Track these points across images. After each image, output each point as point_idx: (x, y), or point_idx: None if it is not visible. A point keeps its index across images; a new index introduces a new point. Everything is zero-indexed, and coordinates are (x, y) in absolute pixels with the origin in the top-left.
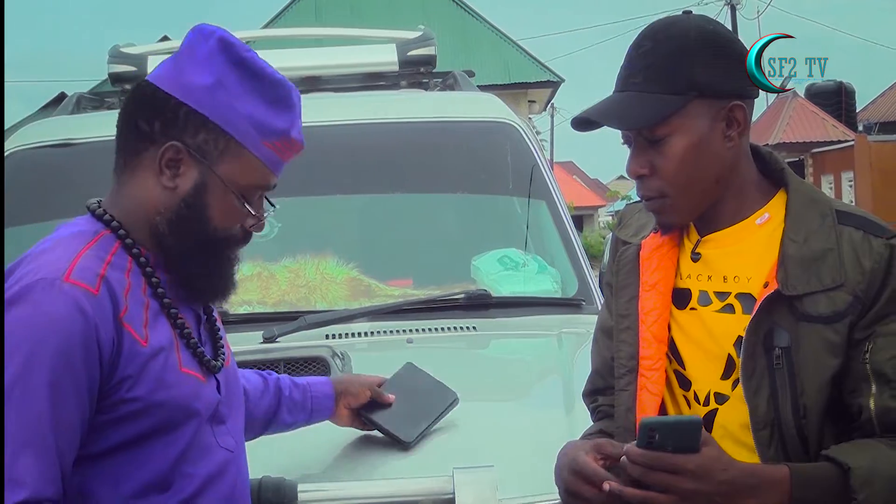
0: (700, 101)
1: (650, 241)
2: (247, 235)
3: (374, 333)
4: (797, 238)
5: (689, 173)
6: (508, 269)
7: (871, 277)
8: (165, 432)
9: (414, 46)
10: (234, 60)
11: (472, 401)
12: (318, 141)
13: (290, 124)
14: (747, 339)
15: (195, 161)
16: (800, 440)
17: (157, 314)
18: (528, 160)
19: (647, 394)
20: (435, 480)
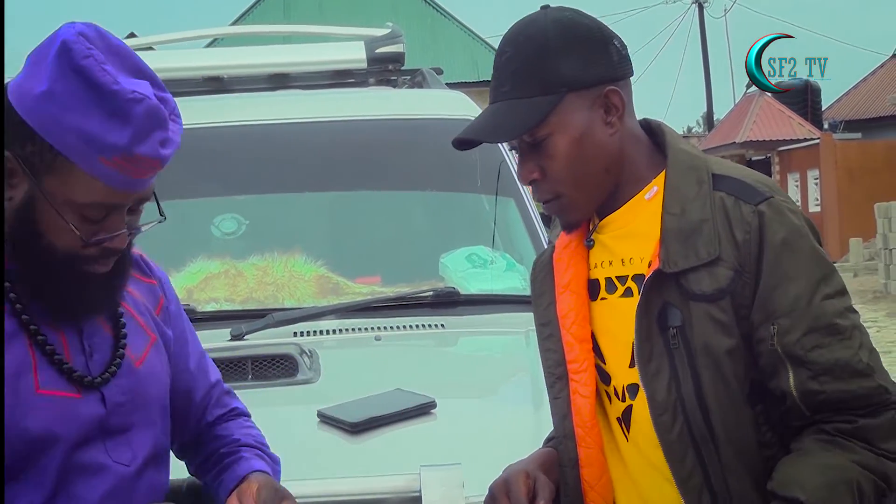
0: (573, 95)
1: (560, 240)
2: (105, 252)
3: (342, 331)
4: (674, 210)
5: (577, 169)
6: (476, 266)
7: (745, 249)
8: (30, 464)
9: (382, 44)
10: (70, 67)
11: (440, 398)
12: (286, 138)
13: (130, 139)
14: (638, 321)
15: (25, 174)
16: (705, 423)
17: (10, 335)
18: (496, 158)
19: (579, 397)
20: (402, 478)
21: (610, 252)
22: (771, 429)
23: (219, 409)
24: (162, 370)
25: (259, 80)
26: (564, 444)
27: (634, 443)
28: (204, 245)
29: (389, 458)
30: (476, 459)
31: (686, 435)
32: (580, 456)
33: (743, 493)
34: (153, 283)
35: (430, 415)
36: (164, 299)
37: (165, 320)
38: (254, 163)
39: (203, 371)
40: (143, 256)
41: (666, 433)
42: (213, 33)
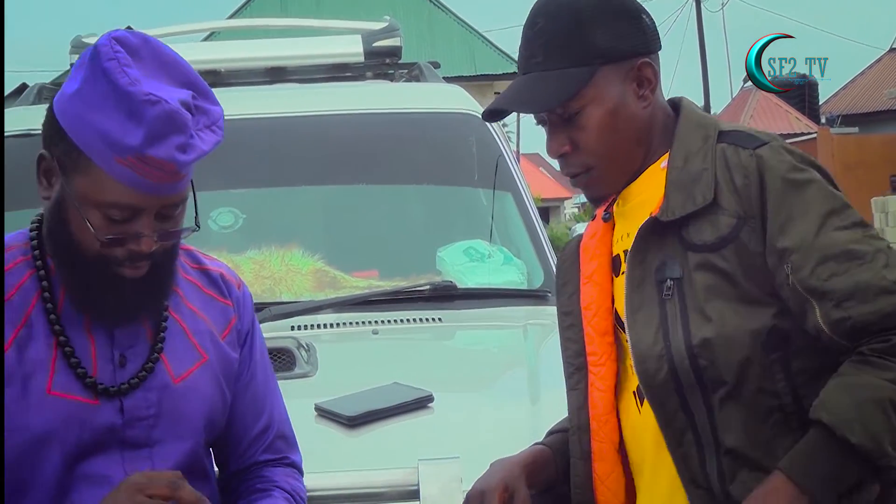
0: (607, 68)
1: (588, 229)
2: (132, 255)
3: (339, 325)
4: (678, 163)
5: (609, 141)
6: (474, 260)
7: (745, 194)
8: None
9: (379, 37)
10: (96, 69)
11: (438, 392)
12: (283, 132)
13: (143, 141)
14: (630, 270)
15: (58, 173)
16: (693, 372)
17: (37, 333)
18: (493, 151)
19: (596, 391)
20: (399, 472)
21: (628, 224)
22: (786, 378)
23: (270, 454)
24: (209, 390)
25: (256, 73)
26: (578, 436)
27: (646, 416)
28: (201, 239)
29: (387, 451)
30: (473, 453)
31: (671, 382)
32: (593, 449)
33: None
34: (228, 304)
35: (428, 408)
36: (235, 321)
37: (232, 342)
38: (251, 156)
39: (266, 407)
40: (223, 275)
41: (649, 380)
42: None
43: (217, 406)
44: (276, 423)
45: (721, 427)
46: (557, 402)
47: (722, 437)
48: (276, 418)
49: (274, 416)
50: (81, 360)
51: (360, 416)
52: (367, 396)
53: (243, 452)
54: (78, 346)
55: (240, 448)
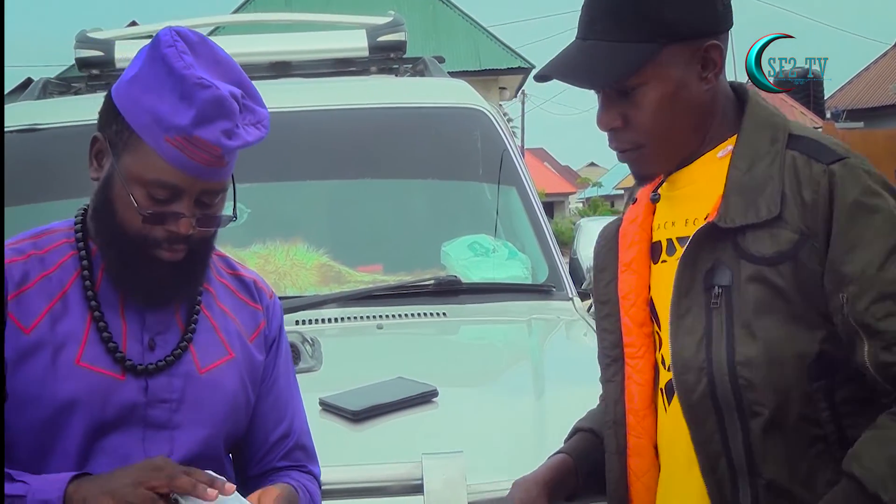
0: (672, 46)
1: (629, 213)
2: (170, 237)
3: (344, 319)
4: (742, 165)
5: (664, 123)
6: (479, 255)
7: (812, 211)
8: (52, 430)
9: (384, 32)
10: (155, 55)
11: (442, 387)
12: (288, 126)
13: (191, 122)
14: (679, 274)
15: (109, 153)
16: (732, 389)
17: (72, 306)
18: (498, 146)
19: (634, 384)
20: (403, 466)
21: (673, 211)
22: (830, 407)
23: (288, 461)
24: (232, 386)
25: (261, 68)
26: (614, 430)
27: (672, 415)
28: None
29: (391, 446)
30: (477, 448)
31: (708, 398)
32: (629, 444)
33: (767, 466)
34: (258, 309)
35: (432, 403)
36: (263, 325)
37: (259, 346)
38: (255, 151)
39: (287, 414)
40: (256, 282)
41: (688, 394)
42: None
43: (240, 402)
44: (297, 432)
45: (759, 455)
46: (562, 396)
47: (760, 466)
48: (296, 428)
49: (294, 425)
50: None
51: (365, 411)
52: (372, 391)
53: (262, 458)
54: (110, 324)
55: (259, 453)
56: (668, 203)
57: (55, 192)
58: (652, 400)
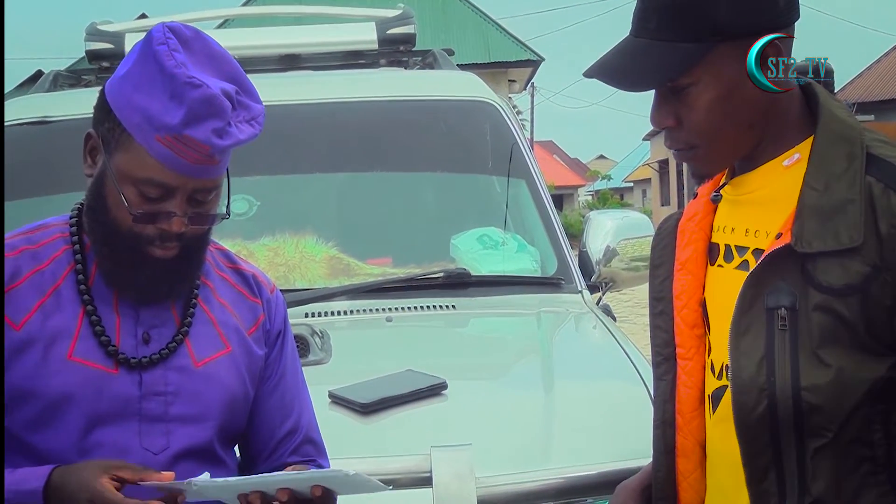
0: (724, 45)
1: (689, 208)
2: (162, 235)
3: (353, 312)
4: (817, 185)
5: (717, 124)
6: (488, 247)
7: (888, 244)
8: (48, 422)
9: (393, 25)
10: (147, 52)
11: (451, 379)
12: (297, 119)
13: (181, 121)
14: (743, 291)
15: (102, 150)
16: (794, 413)
17: (65, 302)
18: (507, 139)
19: (683, 387)
20: (412, 459)
21: (734, 217)
22: (883, 428)
23: (298, 456)
24: (229, 379)
25: (270, 61)
26: (662, 430)
27: (716, 424)
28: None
29: (400, 438)
30: (486, 440)
31: (766, 420)
32: (677, 444)
33: (816, 484)
34: (257, 302)
35: (441, 396)
36: (263, 319)
37: (259, 340)
38: (265, 144)
39: (294, 410)
40: (256, 276)
41: (745, 415)
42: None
43: (237, 396)
44: (305, 427)
45: (811, 474)
46: (570, 389)
47: (810, 484)
48: (304, 423)
49: (302, 420)
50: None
51: (374, 403)
52: (381, 383)
53: (270, 454)
54: (104, 318)
55: (266, 449)
56: (730, 207)
57: (65, 184)
58: (700, 402)
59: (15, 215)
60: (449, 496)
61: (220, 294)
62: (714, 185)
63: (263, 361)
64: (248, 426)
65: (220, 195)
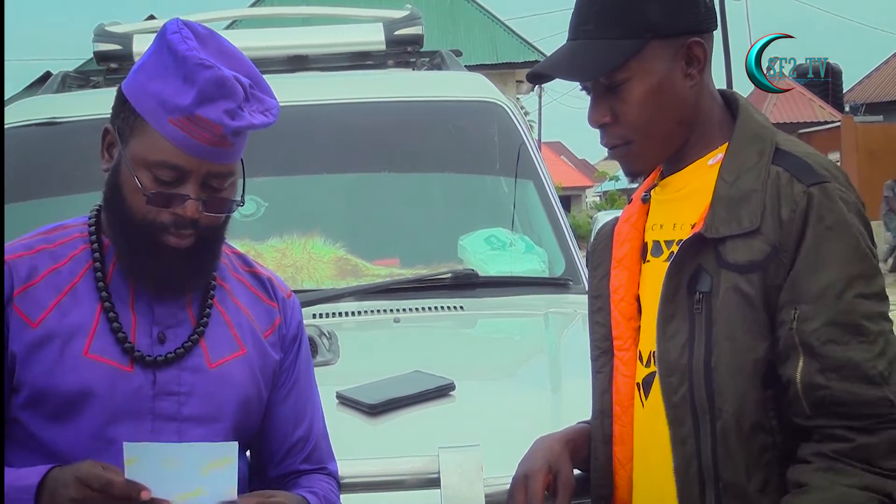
0: (657, 43)
1: (625, 212)
2: (177, 221)
3: (361, 313)
4: (729, 178)
5: (651, 117)
6: (495, 248)
7: (787, 228)
8: (65, 418)
9: (401, 26)
10: (161, 43)
11: (459, 380)
12: (305, 120)
13: (193, 101)
14: (666, 281)
15: (118, 142)
16: (706, 393)
17: (82, 299)
18: (515, 140)
19: (620, 376)
20: (420, 460)
21: (663, 214)
22: (777, 416)
23: (309, 464)
24: (243, 381)
25: (278, 62)
26: (601, 420)
27: (648, 411)
28: None
29: (408, 439)
30: (495, 441)
31: (688, 402)
32: (614, 433)
33: (727, 472)
34: (273, 306)
35: (449, 396)
36: (279, 323)
37: (275, 344)
38: (272, 145)
39: (306, 416)
40: (272, 280)
41: (670, 395)
42: (232, 15)
43: (251, 399)
44: (315, 435)
45: (722, 461)
46: (579, 390)
47: (722, 471)
48: (315, 430)
49: (314, 427)
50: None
51: (382, 404)
52: (389, 384)
53: (281, 460)
54: (121, 316)
55: (278, 455)
56: (659, 206)
57: (74, 185)
58: (635, 392)
59: (23, 216)
60: (457, 497)
61: (236, 296)
62: (646, 189)
63: (279, 366)
64: (259, 431)
65: (235, 185)
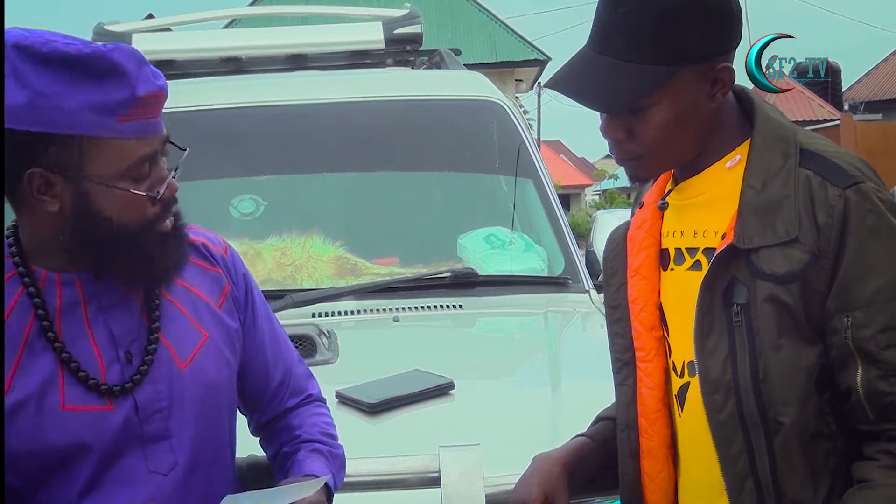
0: (689, 68)
1: (637, 217)
2: (165, 205)
3: (360, 312)
4: (755, 184)
5: (668, 139)
6: (495, 247)
7: (825, 234)
8: (57, 474)
9: (400, 24)
10: (36, 60)
11: (458, 379)
12: (304, 119)
13: (130, 87)
14: (701, 295)
15: (62, 177)
16: (758, 407)
17: (38, 351)
18: (514, 139)
19: (645, 388)
20: (421, 459)
21: (682, 221)
22: (836, 420)
23: (294, 397)
24: (214, 369)
25: (277, 60)
26: (627, 434)
27: (686, 421)
28: (222, 226)
29: (408, 438)
30: (494, 440)
31: (736, 417)
32: (642, 447)
33: (792, 485)
34: (218, 272)
35: (449, 395)
36: (228, 287)
37: (230, 310)
38: (272, 144)
39: (278, 358)
40: (206, 244)
41: (716, 413)
42: (232, 14)
43: (226, 383)
44: (291, 369)
45: (784, 476)
46: (578, 388)
47: (785, 486)
48: (289, 364)
49: (288, 363)
50: (89, 369)
51: (381, 403)
52: (388, 383)
53: (267, 406)
54: (83, 354)
55: (262, 402)
56: (677, 212)
57: None
58: (663, 403)
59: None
60: (457, 496)
61: (180, 276)
62: (659, 193)
63: (240, 331)
64: (239, 389)
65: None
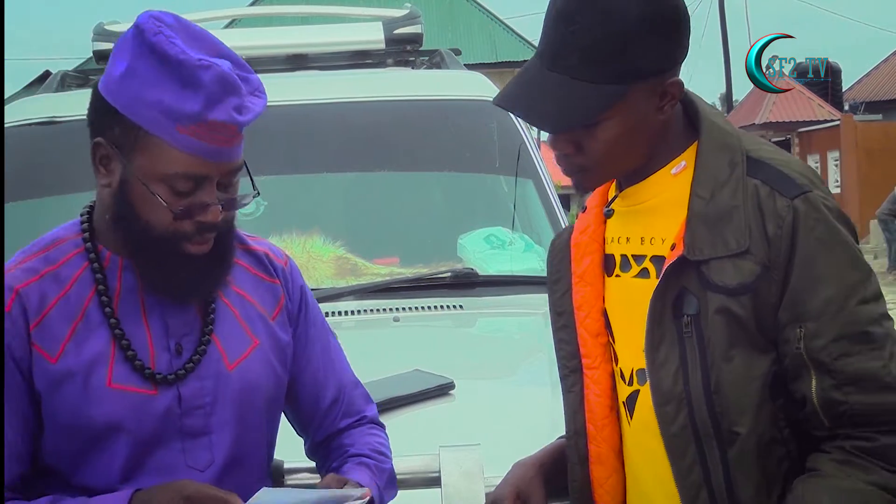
0: (640, 84)
1: (579, 222)
2: (200, 227)
3: (360, 312)
4: (704, 193)
5: (616, 153)
6: (495, 247)
7: (775, 245)
8: (95, 455)
9: (400, 24)
10: (144, 45)
11: (459, 379)
12: (305, 119)
13: (203, 106)
14: (652, 306)
15: (117, 156)
16: (710, 418)
17: (94, 326)
18: (514, 139)
19: (593, 395)
20: (421, 459)
21: (627, 227)
22: (789, 425)
23: (348, 418)
24: (263, 375)
25: (277, 60)
26: (575, 440)
27: (636, 430)
28: None
29: (408, 438)
30: (495, 440)
31: (689, 429)
32: (590, 453)
33: (747, 493)
34: (276, 283)
35: (449, 396)
36: (284, 300)
37: (283, 323)
38: (272, 144)
39: (330, 375)
40: (268, 254)
41: (668, 425)
42: (232, 14)
43: (272, 391)
44: (346, 387)
45: (738, 484)
46: None
47: (739, 494)
48: (344, 383)
49: (342, 382)
50: (138, 352)
51: (382, 403)
52: (389, 383)
53: (319, 424)
54: (135, 337)
55: (315, 421)
56: (622, 218)
57: (73, 184)
58: (611, 409)
59: (23, 216)
60: (458, 496)
61: (237, 283)
62: (601, 197)
63: (291, 343)
64: (290, 403)
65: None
